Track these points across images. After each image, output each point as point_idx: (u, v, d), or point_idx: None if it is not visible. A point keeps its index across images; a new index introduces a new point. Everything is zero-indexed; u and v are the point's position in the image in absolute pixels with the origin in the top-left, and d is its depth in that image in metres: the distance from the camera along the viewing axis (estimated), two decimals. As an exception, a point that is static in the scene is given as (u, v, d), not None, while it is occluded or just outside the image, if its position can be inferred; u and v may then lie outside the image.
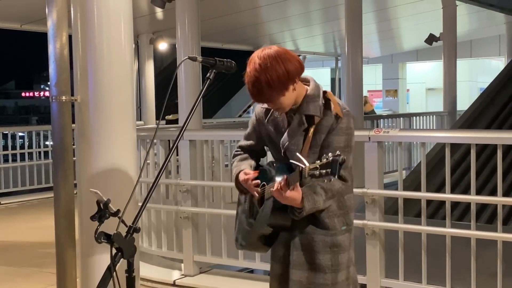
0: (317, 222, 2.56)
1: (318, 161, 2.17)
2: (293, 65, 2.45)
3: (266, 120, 2.65)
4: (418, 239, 4.17)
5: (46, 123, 14.50)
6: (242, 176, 2.63)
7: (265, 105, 2.63)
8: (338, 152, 2.15)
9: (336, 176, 2.13)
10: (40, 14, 6.38)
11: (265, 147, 2.80)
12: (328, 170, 2.13)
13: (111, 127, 3.61)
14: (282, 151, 2.56)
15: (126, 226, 2.16)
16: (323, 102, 2.52)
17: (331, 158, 2.13)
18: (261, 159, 2.85)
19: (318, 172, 2.15)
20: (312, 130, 2.50)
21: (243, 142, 2.79)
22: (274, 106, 2.52)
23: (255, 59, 2.45)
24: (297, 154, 2.40)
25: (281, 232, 2.64)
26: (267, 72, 2.40)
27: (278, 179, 2.44)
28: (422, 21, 15.14)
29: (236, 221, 2.81)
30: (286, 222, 2.57)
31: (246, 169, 2.66)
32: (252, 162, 2.73)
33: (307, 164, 2.22)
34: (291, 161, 2.41)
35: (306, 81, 2.57)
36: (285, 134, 2.56)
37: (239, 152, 2.79)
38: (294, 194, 2.37)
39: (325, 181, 2.21)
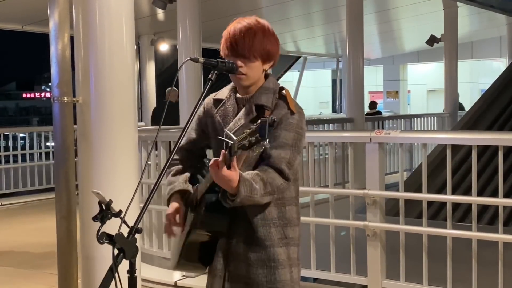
0: (252, 230, 2.31)
1: (247, 130, 1.96)
2: (276, 48, 2.40)
3: (215, 110, 2.44)
4: (419, 240, 4.17)
5: (47, 124, 14.51)
6: (169, 211, 2.41)
7: (217, 96, 2.47)
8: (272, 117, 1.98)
9: (267, 141, 1.91)
10: (42, 15, 6.38)
11: (206, 149, 2.58)
12: (257, 135, 1.91)
13: (113, 128, 3.61)
14: (225, 143, 2.26)
15: (128, 226, 2.16)
16: (277, 97, 2.36)
17: (259, 121, 1.93)
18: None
19: (247, 141, 1.93)
20: None
21: (184, 141, 2.52)
22: (242, 70, 2.35)
23: (245, 19, 2.47)
24: (225, 130, 2.26)
25: (219, 241, 2.37)
26: (263, 29, 2.39)
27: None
28: (423, 23, 15.15)
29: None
30: (220, 225, 2.32)
31: (177, 205, 2.40)
32: (185, 176, 2.47)
33: (234, 138, 1.99)
34: (218, 137, 2.20)
35: (266, 76, 2.43)
36: (231, 123, 2.36)
37: (175, 162, 2.54)
38: (232, 174, 2.08)
39: (259, 150, 1.95)
